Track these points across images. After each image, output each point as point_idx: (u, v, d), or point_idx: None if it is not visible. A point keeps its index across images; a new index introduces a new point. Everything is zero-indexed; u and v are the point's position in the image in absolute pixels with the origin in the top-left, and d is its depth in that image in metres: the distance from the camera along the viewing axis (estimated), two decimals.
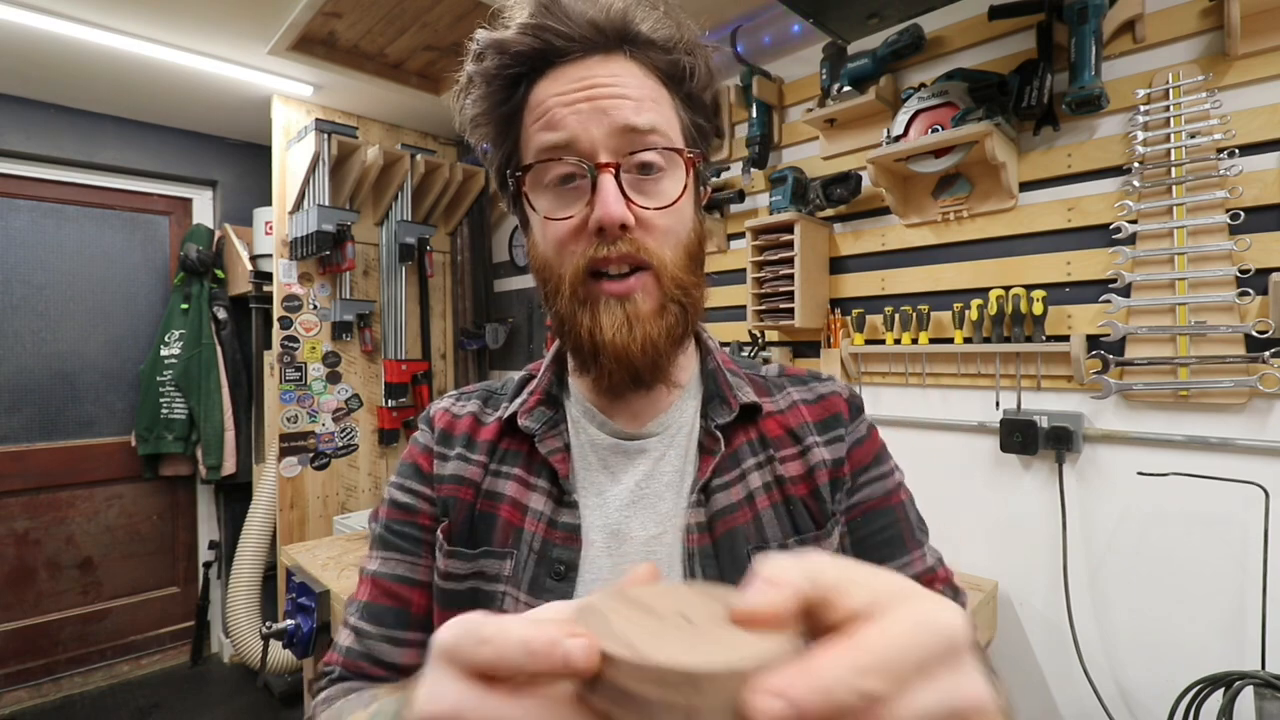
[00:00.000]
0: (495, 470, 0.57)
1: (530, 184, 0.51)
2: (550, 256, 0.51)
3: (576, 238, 0.49)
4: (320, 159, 2.47)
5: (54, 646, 2.60)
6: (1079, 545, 1.45)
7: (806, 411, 0.59)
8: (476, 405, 0.62)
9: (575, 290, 0.50)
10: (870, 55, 1.67)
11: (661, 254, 0.50)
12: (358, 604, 0.57)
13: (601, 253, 0.48)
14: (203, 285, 2.81)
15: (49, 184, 2.65)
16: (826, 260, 1.86)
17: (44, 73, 2.33)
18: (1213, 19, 1.27)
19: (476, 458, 0.58)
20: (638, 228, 0.49)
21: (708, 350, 0.61)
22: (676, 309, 0.51)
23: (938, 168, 1.53)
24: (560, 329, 0.53)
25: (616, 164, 0.48)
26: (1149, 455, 1.35)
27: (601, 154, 0.48)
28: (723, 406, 0.57)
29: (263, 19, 1.96)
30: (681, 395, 0.58)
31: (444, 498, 0.57)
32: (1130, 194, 1.35)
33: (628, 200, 0.48)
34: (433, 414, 0.62)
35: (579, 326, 0.50)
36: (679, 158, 0.51)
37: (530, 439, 0.56)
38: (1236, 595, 1.26)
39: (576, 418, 0.58)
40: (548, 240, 0.51)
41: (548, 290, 0.52)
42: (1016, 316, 1.48)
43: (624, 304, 0.49)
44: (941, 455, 1.66)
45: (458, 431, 0.60)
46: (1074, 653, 1.41)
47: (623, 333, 0.49)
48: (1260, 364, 1.22)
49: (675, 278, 0.50)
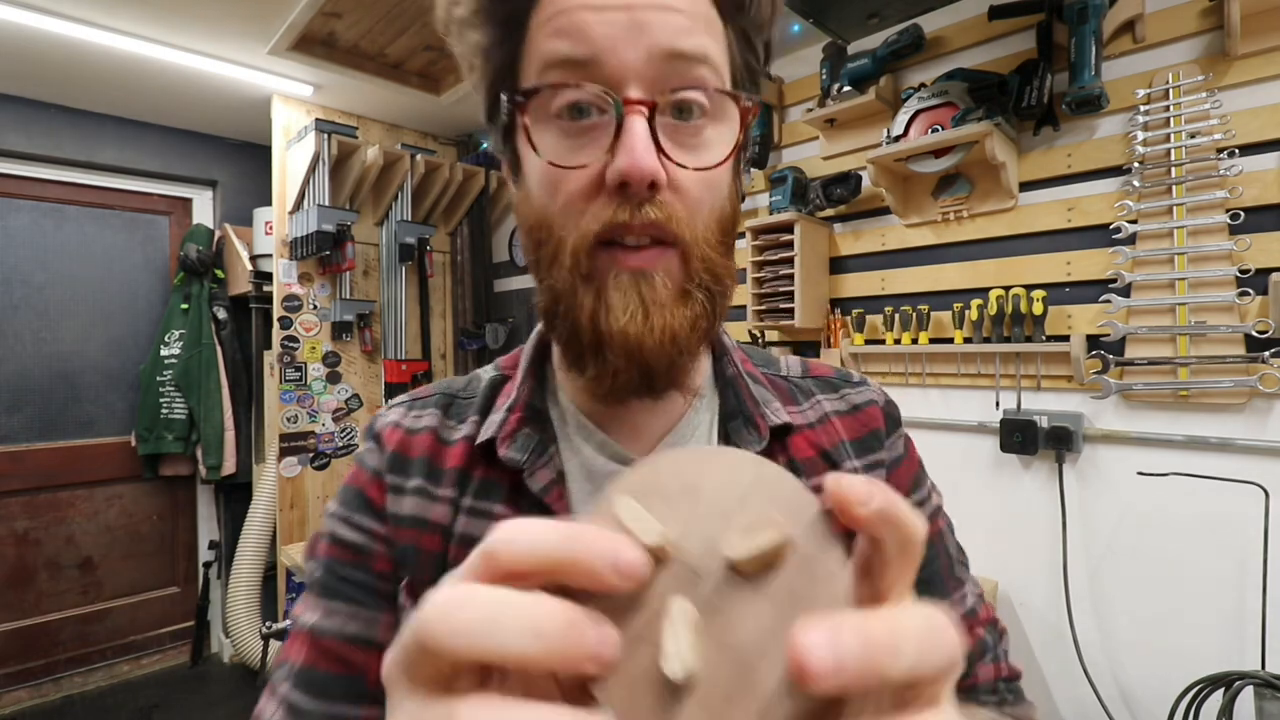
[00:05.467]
0: (471, 509, 0.44)
1: (532, 114, 0.38)
2: (550, 213, 0.39)
3: (588, 194, 0.38)
4: (320, 159, 2.47)
5: (54, 646, 2.60)
6: (1079, 545, 1.45)
7: (841, 427, 0.49)
8: (435, 417, 0.48)
9: (579, 260, 0.38)
10: (870, 55, 1.67)
11: (694, 227, 0.39)
12: (290, 667, 0.43)
13: (621, 216, 0.37)
14: (203, 285, 2.81)
15: (49, 184, 2.65)
16: (826, 260, 1.86)
17: (44, 73, 2.33)
18: (1213, 19, 1.27)
19: (442, 492, 0.44)
20: (668, 189, 0.38)
21: (724, 350, 0.49)
22: (704, 296, 0.40)
23: (938, 168, 1.53)
24: (551, 310, 0.41)
25: (653, 102, 0.36)
26: (1149, 455, 1.35)
27: (633, 85, 0.36)
28: (749, 428, 0.46)
29: (263, 19, 1.96)
30: (695, 406, 0.47)
31: (403, 546, 0.44)
32: (1130, 194, 1.35)
33: (661, 152, 0.37)
34: (380, 429, 0.48)
35: (579, 309, 0.39)
36: (732, 104, 0.40)
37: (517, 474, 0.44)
38: (1236, 595, 1.26)
39: (569, 435, 0.46)
40: (548, 191, 0.39)
41: (540, 256, 0.40)
42: (1016, 316, 1.48)
43: (640, 283, 0.38)
44: (941, 455, 1.66)
45: (415, 454, 0.46)
46: (1074, 653, 1.41)
47: (636, 320, 0.38)
48: (1260, 364, 1.22)
49: (706, 258, 0.39)
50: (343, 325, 2.66)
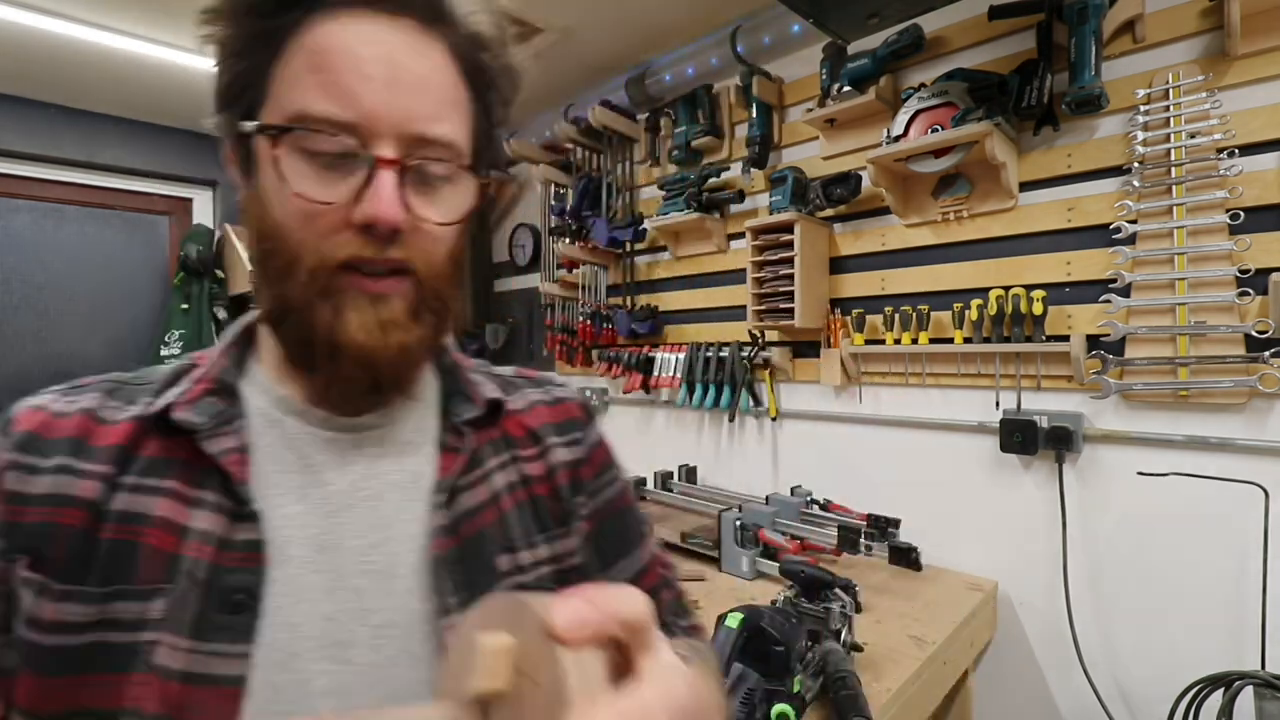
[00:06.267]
0: (134, 486, 0.42)
1: (285, 147, 0.41)
2: (290, 230, 0.42)
3: (334, 228, 0.42)
4: None
5: None
6: (1079, 545, 1.45)
7: (546, 413, 0.58)
8: (95, 399, 0.46)
9: (316, 278, 0.42)
10: (870, 55, 1.67)
11: (430, 264, 0.45)
12: None
13: (366, 252, 0.42)
14: (203, 285, 2.81)
15: (49, 184, 2.65)
16: (826, 260, 1.86)
17: (44, 73, 2.33)
18: (1213, 19, 1.27)
19: (91, 467, 0.42)
20: (410, 233, 0.43)
21: (443, 348, 0.56)
22: (433, 319, 0.46)
23: (938, 168, 1.53)
24: (279, 315, 0.44)
25: (400, 161, 0.42)
26: (1149, 455, 1.35)
27: (385, 145, 0.41)
28: (466, 402, 0.53)
29: None
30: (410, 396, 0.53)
31: (29, 525, 0.41)
32: (1130, 194, 1.35)
33: (405, 205, 0.42)
34: (14, 414, 0.45)
35: (315, 320, 0.42)
36: (469, 175, 0.46)
37: (189, 438, 0.43)
38: (1236, 595, 1.26)
39: (265, 408, 0.47)
40: (289, 215, 0.42)
41: (270, 266, 0.43)
42: (1016, 316, 1.48)
43: (377, 304, 0.43)
44: (941, 455, 1.66)
45: (56, 435, 0.43)
46: (1074, 653, 1.41)
47: (374, 335, 0.43)
48: (1260, 364, 1.22)
49: (435, 288, 0.46)
50: None
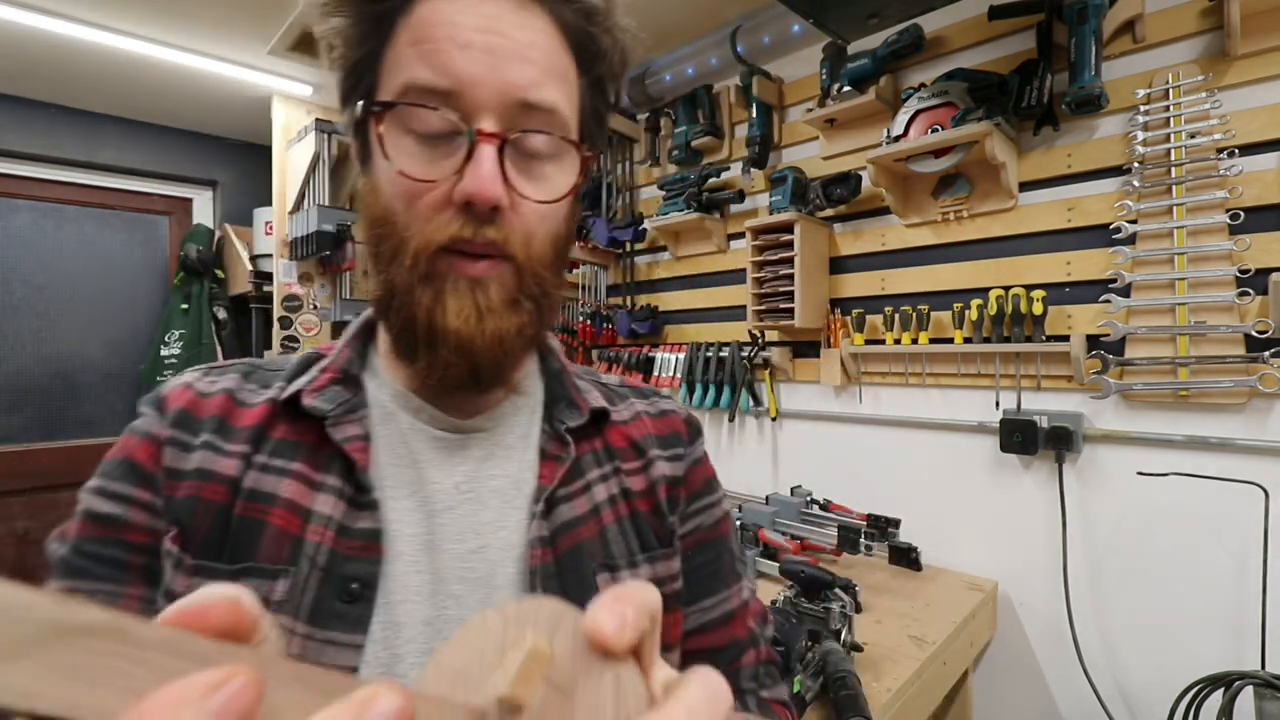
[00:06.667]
0: (264, 465, 0.44)
1: (388, 123, 0.42)
2: (396, 215, 0.42)
3: (436, 206, 0.42)
4: (320, 159, 2.47)
5: None
6: (1079, 545, 1.45)
7: (650, 424, 0.56)
8: (233, 380, 0.48)
9: (419, 262, 0.42)
10: (870, 55, 1.67)
11: (529, 247, 0.43)
12: None
13: (465, 232, 0.41)
14: (203, 285, 2.81)
15: (49, 184, 2.65)
16: (826, 260, 1.86)
17: (44, 73, 2.33)
18: (1213, 19, 1.27)
19: (232, 447, 0.44)
20: (510, 212, 0.42)
21: (549, 350, 0.55)
22: (532, 306, 0.45)
23: (938, 168, 1.53)
24: (387, 301, 0.44)
25: (502, 135, 0.41)
26: (1149, 455, 1.35)
27: (486, 119, 0.41)
28: (571, 410, 0.52)
29: (263, 19, 1.96)
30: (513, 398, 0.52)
31: (180, 499, 0.43)
32: (1130, 194, 1.35)
33: (506, 181, 0.41)
34: (165, 393, 0.47)
35: (416, 305, 0.42)
36: (574, 150, 0.45)
37: (319, 424, 0.45)
38: (1236, 595, 1.26)
39: (384, 402, 0.48)
40: (396, 196, 0.42)
41: (381, 250, 0.43)
42: (1016, 316, 1.48)
43: (475, 290, 0.42)
44: (941, 455, 1.66)
45: (204, 414, 0.45)
46: (1074, 653, 1.41)
47: (470, 322, 0.42)
48: (1260, 364, 1.22)
49: (537, 274, 0.44)
50: (343, 325, 2.65)
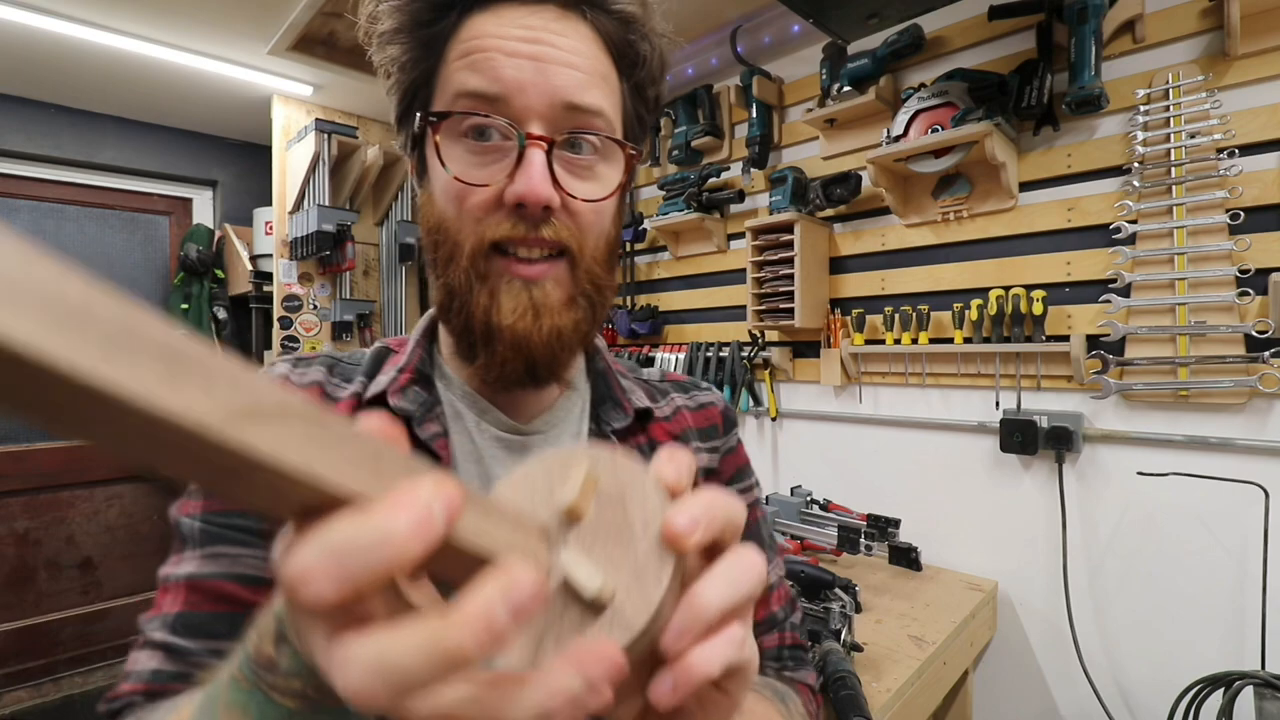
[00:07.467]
0: None
1: (443, 133, 0.44)
2: (450, 219, 0.45)
3: (488, 208, 0.44)
4: (320, 159, 2.47)
5: (54, 646, 2.60)
6: (1079, 545, 1.44)
7: (690, 418, 0.58)
8: (320, 373, 0.51)
9: (475, 262, 0.44)
10: (870, 55, 1.67)
11: (582, 244, 0.45)
12: (164, 617, 0.43)
13: (517, 232, 0.43)
14: (203, 285, 2.81)
15: (49, 184, 2.65)
16: (826, 260, 1.86)
17: (44, 73, 2.33)
18: (1213, 19, 1.27)
19: None
20: (561, 211, 0.44)
21: (596, 350, 0.57)
22: (587, 304, 0.47)
23: (938, 168, 1.53)
24: (448, 303, 0.46)
25: (551, 139, 0.43)
26: (1149, 455, 1.35)
27: (534, 123, 0.43)
28: (616, 410, 0.54)
29: (263, 19, 1.96)
30: (567, 394, 0.54)
31: None
32: (1130, 194, 1.35)
33: (556, 182, 0.43)
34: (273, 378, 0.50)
35: (474, 305, 0.44)
36: (619, 150, 0.47)
37: (407, 422, 0.47)
38: (1236, 595, 1.26)
39: (453, 402, 0.51)
40: (451, 201, 0.44)
41: (439, 255, 0.46)
42: (1016, 316, 1.48)
43: (530, 289, 0.44)
44: (941, 455, 1.66)
45: None
46: (1074, 653, 1.41)
47: (526, 319, 0.44)
48: (1260, 364, 1.21)
49: (591, 272, 0.46)
50: (343, 325, 2.65)
